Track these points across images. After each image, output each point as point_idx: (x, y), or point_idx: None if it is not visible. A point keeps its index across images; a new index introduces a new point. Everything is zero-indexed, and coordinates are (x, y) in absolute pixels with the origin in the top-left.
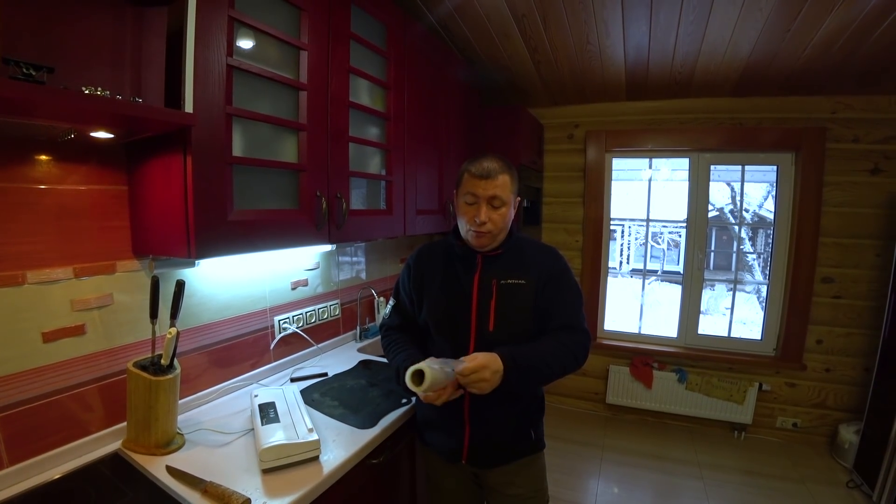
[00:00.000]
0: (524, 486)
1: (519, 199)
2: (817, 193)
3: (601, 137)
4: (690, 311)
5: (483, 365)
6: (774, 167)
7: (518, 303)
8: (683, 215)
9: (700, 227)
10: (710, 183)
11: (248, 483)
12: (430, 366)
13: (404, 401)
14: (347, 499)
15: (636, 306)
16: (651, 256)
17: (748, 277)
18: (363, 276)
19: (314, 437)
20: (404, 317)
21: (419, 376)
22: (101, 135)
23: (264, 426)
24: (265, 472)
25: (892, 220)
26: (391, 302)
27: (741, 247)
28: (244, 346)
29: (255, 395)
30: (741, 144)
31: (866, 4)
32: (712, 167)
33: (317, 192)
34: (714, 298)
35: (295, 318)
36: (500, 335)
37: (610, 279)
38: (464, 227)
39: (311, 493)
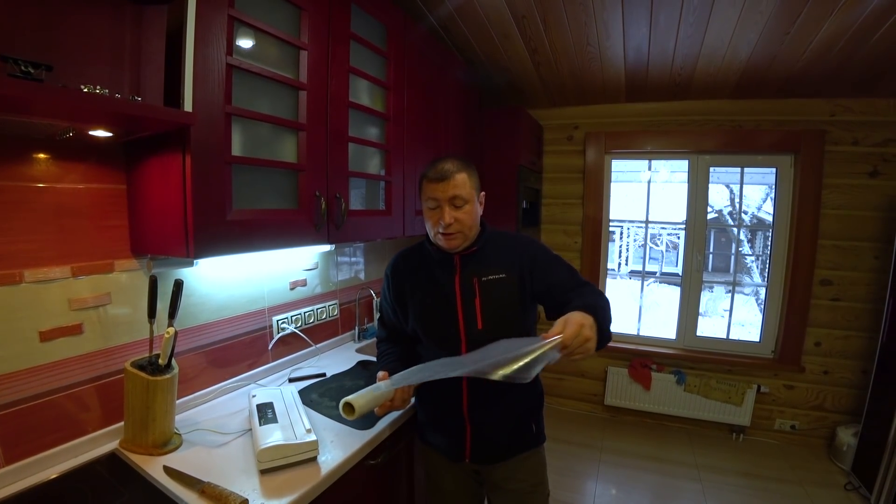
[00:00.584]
0: (525, 479)
1: (483, 193)
2: (816, 196)
3: (600, 139)
4: (689, 312)
5: (580, 324)
6: (773, 169)
7: (502, 297)
8: (682, 217)
9: (699, 229)
10: (709, 185)
11: (245, 484)
12: (355, 397)
13: None
14: (346, 500)
15: (635, 308)
16: (650, 258)
17: (747, 279)
18: (362, 276)
19: (312, 437)
20: (391, 327)
21: (350, 408)
22: (100, 133)
23: (262, 426)
24: (263, 472)
25: (890, 222)
26: (377, 314)
27: (740, 249)
28: (242, 346)
29: (253, 396)
30: (740, 146)
31: (865, 8)
32: (711, 169)
33: (316, 192)
34: (713, 300)
35: (293, 318)
36: (489, 332)
37: (609, 280)
38: (431, 232)
39: (309, 493)
